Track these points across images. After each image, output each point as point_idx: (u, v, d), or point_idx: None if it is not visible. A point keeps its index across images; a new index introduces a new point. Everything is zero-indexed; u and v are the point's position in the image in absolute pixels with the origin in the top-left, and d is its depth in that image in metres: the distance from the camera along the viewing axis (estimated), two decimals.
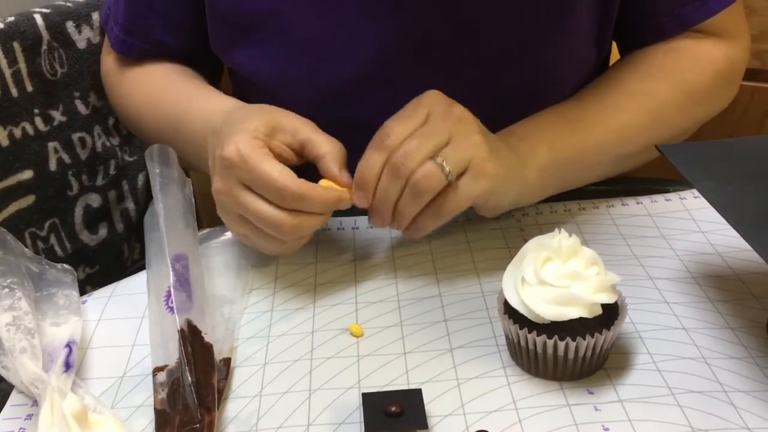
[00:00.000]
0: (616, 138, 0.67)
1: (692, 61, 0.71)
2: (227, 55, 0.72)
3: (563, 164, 0.65)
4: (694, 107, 0.71)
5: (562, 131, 0.66)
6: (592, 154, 0.67)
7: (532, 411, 0.49)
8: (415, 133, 0.56)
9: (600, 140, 0.67)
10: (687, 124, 0.72)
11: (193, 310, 0.54)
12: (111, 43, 0.77)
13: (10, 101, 0.76)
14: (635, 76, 0.71)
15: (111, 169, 0.86)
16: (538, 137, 0.64)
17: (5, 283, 0.54)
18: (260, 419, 0.50)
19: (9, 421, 0.51)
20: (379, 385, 0.52)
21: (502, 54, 0.68)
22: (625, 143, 0.68)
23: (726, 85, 0.74)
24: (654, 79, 0.70)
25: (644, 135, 0.68)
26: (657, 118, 0.69)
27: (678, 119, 0.71)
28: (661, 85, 0.70)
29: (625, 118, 0.68)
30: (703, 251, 0.63)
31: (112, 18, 0.76)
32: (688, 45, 0.72)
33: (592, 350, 0.50)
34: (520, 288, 0.51)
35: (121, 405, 0.52)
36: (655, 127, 0.69)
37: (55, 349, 0.53)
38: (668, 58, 0.71)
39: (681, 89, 0.70)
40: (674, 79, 0.70)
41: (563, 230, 0.51)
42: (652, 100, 0.69)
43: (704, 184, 0.53)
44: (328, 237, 0.68)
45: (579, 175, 0.68)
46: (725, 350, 0.53)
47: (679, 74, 0.70)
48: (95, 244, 0.86)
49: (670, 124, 0.70)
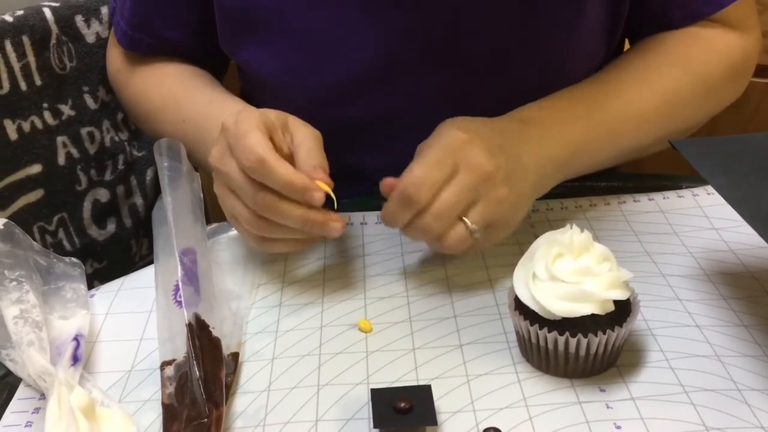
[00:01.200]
0: (631, 127, 0.66)
1: (707, 51, 0.70)
2: (234, 52, 0.72)
3: (574, 156, 0.64)
4: (707, 97, 0.70)
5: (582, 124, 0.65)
6: (605, 144, 0.66)
7: (542, 408, 0.49)
8: (447, 193, 0.55)
9: (613, 130, 0.66)
10: (699, 115, 0.72)
11: (201, 305, 0.54)
12: (117, 38, 0.77)
13: (19, 95, 0.76)
14: (649, 64, 0.70)
15: (119, 163, 0.86)
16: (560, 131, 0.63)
17: (13, 276, 0.54)
18: (268, 414, 0.50)
19: (16, 414, 0.51)
20: (388, 381, 0.52)
21: (507, 53, 0.67)
22: (639, 132, 0.67)
23: (739, 77, 0.73)
24: (669, 67, 0.69)
25: (658, 124, 0.68)
26: (671, 108, 0.68)
27: (691, 109, 0.70)
28: (676, 74, 0.69)
29: (639, 107, 0.67)
30: (717, 248, 0.63)
31: (118, 12, 0.76)
32: (703, 33, 0.71)
33: (603, 347, 0.50)
34: (531, 284, 0.50)
35: (128, 399, 0.52)
36: (669, 116, 0.68)
37: (63, 342, 0.53)
38: (683, 45, 0.70)
39: (695, 78, 0.69)
40: (689, 67, 0.70)
41: (575, 226, 0.51)
42: (666, 89, 0.68)
43: (718, 179, 0.52)
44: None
45: (591, 163, 0.67)
46: (739, 348, 0.53)
47: (694, 63, 0.70)
48: (103, 239, 0.86)
49: (684, 114, 0.70)
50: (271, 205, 0.54)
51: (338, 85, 0.68)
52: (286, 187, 0.53)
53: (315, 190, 0.54)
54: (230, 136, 0.55)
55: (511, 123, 0.62)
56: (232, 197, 0.56)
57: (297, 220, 0.54)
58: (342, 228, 0.56)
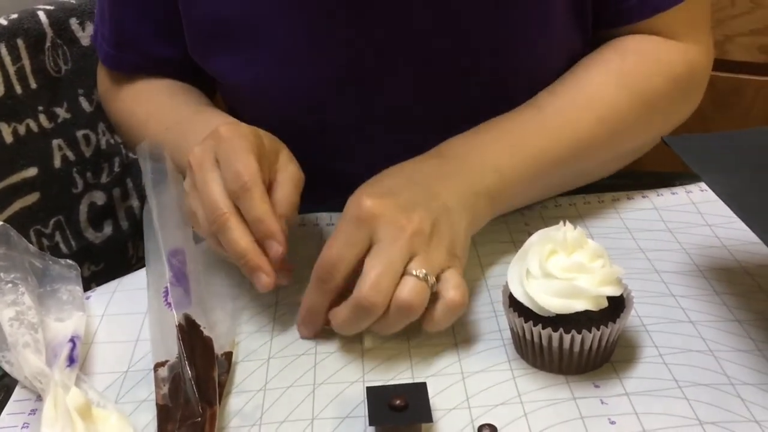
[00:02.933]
0: (569, 153, 0.63)
1: (651, 65, 0.67)
2: (206, 64, 0.72)
3: (505, 186, 0.61)
4: (652, 116, 0.67)
5: (509, 151, 0.61)
6: (539, 171, 0.62)
7: (537, 404, 0.49)
8: (372, 264, 0.51)
9: (547, 156, 0.62)
10: (646, 135, 0.68)
11: (191, 305, 0.54)
12: (101, 58, 0.76)
13: (15, 98, 0.76)
14: (587, 84, 0.66)
15: (115, 166, 0.86)
16: (483, 161, 0.60)
17: (8, 279, 0.54)
18: (264, 413, 0.50)
19: (13, 416, 0.51)
20: (384, 379, 0.52)
21: (479, 51, 0.67)
22: (579, 157, 0.64)
23: (685, 92, 0.70)
24: (612, 87, 0.66)
25: (599, 147, 0.65)
26: (612, 129, 0.65)
27: (635, 129, 0.67)
28: (620, 94, 0.65)
29: (576, 129, 0.64)
30: (710, 244, 0.63)
31: (99, 33, 0.75)
32: (647, 48, 0.68)
33: (597, 343, 0.50)
34: (525, 281, 0.50)
35: (124, 400, 0.52)
36: (611, 138, 0.65)
37: (59, 343, 0.53)
38: (627, 61, 0.67)
39: (640, 98, 0.66)
40: (633, 85, 0.66)
41: (568, 223, 0.51)
42: (605, 110, 0.65)
43: (711, 175, 0.52)
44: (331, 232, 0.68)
45: (530, 191, 0.64)
46: (732, 343, 0.53)
47: (638, 80, 0.66)
48: (100, 242, 0.86)
49: (627, 135, 0.66)
50: (223, 225, 0.53)
51: (310, 90, 0.68)
52: (255, 222, 0.53)
53: (278, 244, 0.53)
54: (221, 148, 0.54)
55: (430, 160, 0.60)
56: (197, 200, 0.55)
57: (236, 252, 0.53)
58: (271, 285, 0.53)
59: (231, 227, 0.53)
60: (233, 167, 0.53)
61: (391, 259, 0.51)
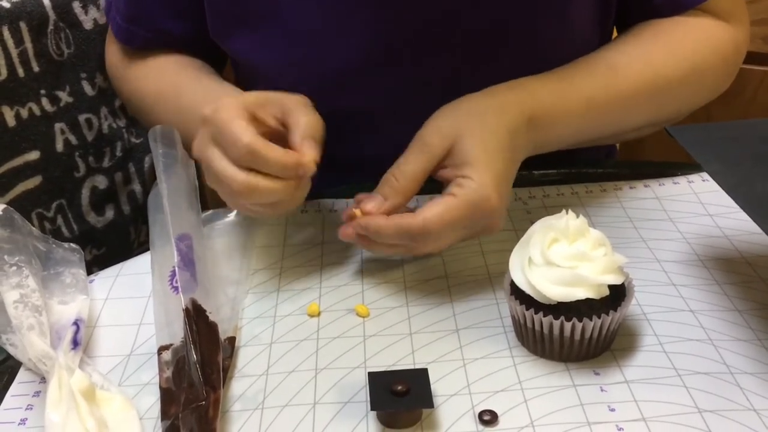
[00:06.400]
0: (617, 105, 0.65)
1: (699, 39, 0.70)
2: (225, 43, 0.72)
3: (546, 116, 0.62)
4: (696, 83, 0.70)
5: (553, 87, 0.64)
6: (586, 113, 0.64)
7: (538, 391, 0.49)
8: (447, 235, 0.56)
9: (597, 100, 0.64)
10: (688, 101, 0.71)
11: (197, 290, 0.54)
12: (114, 32, 0.76)
13: (17, 81, 0.76)
14: (640, 47, 0.69)
15: (117, 150, 0.86)
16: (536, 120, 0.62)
17: (12, 261, 0.55)
18: (267, 397, 0.50)
19: (17, 397, 0.51)
20: (386, 365, 0.52)
21: (501, 40, 0.67)
22: (626, 110, 0.66)
23: (729, 68, 0.73)
24: (659, 51, 0.69)
25: (646, 104, 0.67)
26: (660, 89, 0.67)
27: (680, 93, 0.69)
28: (666, 57, 0.68)
29: (627, 85, 0.66)
30: (711, 234, 0.63)
31: (114, 6, 0.75)
32: (692, 22, 0.70)
33: (598, 331, 0.50)
34: (527, 269, 0.51)
35: (128, 383, 0.52)
36: (658, 97, 0.67)
37: (63, 326, 0.53)
38: (674, 31, 0.70)
39: (685, 63, 0.68)
40: (679, 52, 0.69)
41: (570, 211, 0.51)
42: (656, 71, 0.67)
43: (713, 165, 0.52)
44: (334, 218, 0.68)
45: (569, 131, 0.65)
46: (732, 332, 0.53)
47: (687, 49, 0.69)
48: (102, 226, 0.86)
49: (673, 97, 0.69)
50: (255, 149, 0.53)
51: (333, 74, 0.68)
52: (280, 171, 0.54)
53: (306, 163, 0.54)
54: (212, 127, 0.55)
55: (527, 134, 0.61)
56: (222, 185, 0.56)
57: (277, 167, 0.54)
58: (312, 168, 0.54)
59: (258, 149, 0.53)
60: (228, 139, 0.54)
61: (464, 237, 0.57)
